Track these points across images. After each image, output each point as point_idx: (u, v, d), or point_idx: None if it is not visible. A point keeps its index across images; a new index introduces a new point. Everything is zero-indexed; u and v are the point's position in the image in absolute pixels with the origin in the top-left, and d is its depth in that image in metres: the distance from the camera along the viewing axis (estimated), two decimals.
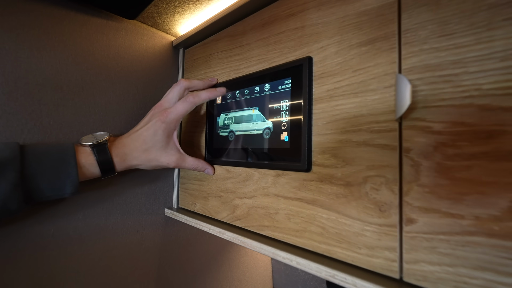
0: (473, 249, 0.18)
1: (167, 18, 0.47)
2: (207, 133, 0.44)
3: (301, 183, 0.30)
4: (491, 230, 0.18)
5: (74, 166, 0.31)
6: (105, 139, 0.35)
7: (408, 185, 0.22)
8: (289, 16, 0.34)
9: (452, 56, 0.21)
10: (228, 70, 0.42)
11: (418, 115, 0.22)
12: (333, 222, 0.27)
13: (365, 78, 0.26)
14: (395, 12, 0.24)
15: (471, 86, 0.19)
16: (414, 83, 0.22)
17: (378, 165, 0.24)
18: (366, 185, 0.24)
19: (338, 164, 0.27)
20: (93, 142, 0.34)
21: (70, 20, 0.40)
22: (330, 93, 0.28)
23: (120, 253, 0.44)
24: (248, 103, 0.37)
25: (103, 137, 0.35)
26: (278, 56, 0.35)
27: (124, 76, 0.46)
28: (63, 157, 0.31)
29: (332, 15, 0.29)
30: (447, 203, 0.20)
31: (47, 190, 0.30)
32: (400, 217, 0.22)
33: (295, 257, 0.27)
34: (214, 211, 0.41)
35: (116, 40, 0.45)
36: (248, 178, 0.36)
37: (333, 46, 0.29)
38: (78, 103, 0.40)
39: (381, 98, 0.24)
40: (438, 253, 0.20)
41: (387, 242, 0.23)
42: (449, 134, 0.20)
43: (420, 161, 0.21)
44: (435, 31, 0.22)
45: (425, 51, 0.22)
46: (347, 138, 0.26)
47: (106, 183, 0.43)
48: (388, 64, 0.24)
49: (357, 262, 0.24)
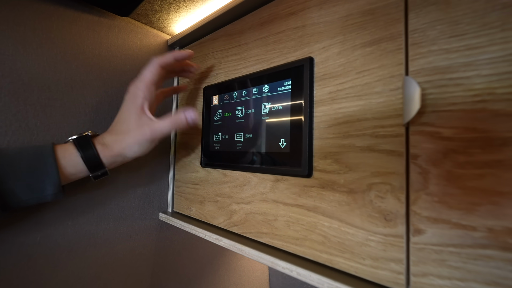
0: (486, 263, 0.17)
1: (162, 15, 0.45)
2: (203, 136, 0.42)
3: (302, 189, 0.28)
4: (505, 244, 0.17)
5: (53, 164, 0.28)
6: (87, 133, 0.33)
7: (416, 194, 0.21)
8: (289, 14, 0.32)
9: (464, 58, 0.19)
10: (225, 70, 0.41)
11: (427, 120, 0.21)
12: (335, 230, 0.25)
13: (370, 80, 0.24)
14: (402, 11, 0.23)
15: (484, 90, 0.18)
16: (422, 86, 0.21)
17: (383, 171, 0.23)
18: (370, 193, 0.23)
19: (340, 170, 0.26)
20: (75, 137, 0.32)
21: (59, 16, 0.38)
22: (332, 95, 0.27)
23: (111, 260, 0.42)
24: (246, 105, 0.36)
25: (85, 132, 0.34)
26: (277, 56, 0.33)
27: (117, 75, 0.44)
28: (40, 156, 0.28)
29: (335, 14, 0.28)
30: (458, 213, 0.19)
31: (23, 193, 0.27)
32: (407, 227, 0.21)
33: (296, 267, 0.26)
34: (210, 216, 0.40)
35: (108, 38, 0.43)
36: (246, 183, 0.35)
37: (335, 46, 0.27)
38: (67, 103, 0.38)
39: (387, 101, 0.23)
40: (448, 266, 0.19)
41: (393, 253, 0.21)
42: (460, 141, 0.19)
43: (429, 169, 0.20)
44: (445, 31, 0.20)
45: (434, 53, 0.21)
46: (351, 143, 0.25)
47: (97, 186, 0.41)
48: (394, 66, 0.23)
49: (360, 274, 0.23)
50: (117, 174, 0.43)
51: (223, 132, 0.39)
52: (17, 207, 0.28)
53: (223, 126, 0.39)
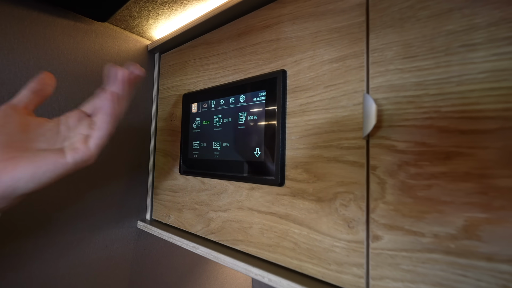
0: (432, 266, 0.19)
1: (141, 22, 0.45)
2: (182, 143, 0.42)
3: (275, 197, 0.30)
4: (448, 248, 0.19)
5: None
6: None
7: (375, 202, 0.22)
8: (264, 27, 0.34)
9: (415, 78, 0.21)
10: (204, 78, 0.41)
11: (384, 134, 0.22)
12: (304, 237, 0.26)
13: (336, 94, 0.26)
14: (364, 31, 0.25)
15: (431, 108, 0.20)
16: (380, 102, 0.23)
17: (347, 181, 0.24)
18: (336, 201, 0.25)
19: (310, 179, 0.27)
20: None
21: (33, 21, 0.37)
22: (303, 107, 0.28)
23: (86, 270, 0.41)
24: (223, 114, 0.37)
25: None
26: (253, 67, 0.34)
27: (94, 80, 0.43)
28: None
29: (306, 30, 0.29)
30: (410, 220, 0.20)
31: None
32: (367, 233, 0.23)
33: (267, 274, 0.27)
34: (189, 224, 0.40)
35: (85, 43, 0.42)
36: (223, 191, 0.36)
37: (306, 60, 0.29)
38: (40, 110, 0.37)
39: (351, 115, 0.25)
40: (401, 270, 0.20)
41: (355, 258, 0.23)
42: (412, 154, 0.21)
43: (386, 179, 0.22)
44: (399, 52, 0.22)
45: (390, 72, 0.23)
46: (319, 154, 0.26)
47: (70, 194, 0.40)
48: (357, 82, 0.25)
49: (327, 278, 0.25)
50: (94, 180, 0.42)
51: (202, 140, 0.39)
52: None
53: (202, 134, 0.39)
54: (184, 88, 0.44)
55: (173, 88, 0.47)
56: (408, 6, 0.22)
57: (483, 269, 0.17)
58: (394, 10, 0.23)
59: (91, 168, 0.42)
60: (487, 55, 0.18)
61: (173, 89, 0.47)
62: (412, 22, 0.22)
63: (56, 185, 0.33)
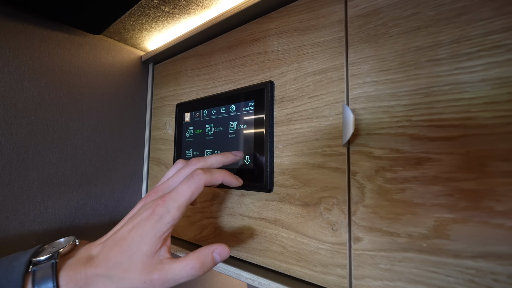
0: (407, 264, 0.20)
1: (135, 34, 0.47)
2: (175, 151, 0.43)
3: (264, 203, 0.31)
4: (420, 247, 0.20)
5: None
6: (57, 250, 0.23)
7: (355, 206, 0.24)
8: (253, 41, 0.35)
9: (389, 90, 0.23)
10: (196, 89, 0.43)
11: (363, 141, 0.24)
12: (292, 241, 0.28)
13: (319, 104, 0.28)
14: (343, 46, 0.27)
15: (403, 117, 0.22)
16: (359, 111, 0.25)
17: (330, 186, 0.26)
18: (320, 206, 0.26)
19: (296, 185, 0.28)
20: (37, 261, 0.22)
21: (28, 34, 0.38)
22: (289, 117, 0.30)
23: None
24: (215, 123, 0.38)
25: (59, 247, 0.23)
26: (243, 78, 0.36)
27: (88, 91, 0.44)
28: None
29: (291, 44, 0.31)
30: (387, 222, 0.22)
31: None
32: (349, 235, 0.24)
33: (257, 277, 0.28)
34: (182, 231, 0.41)
35: (79, 55, 0.44)
36: (215, 198, 0.37)
37: (292, 72, 0.31)
38: (35, 121, 0.38)
39: (333, 124, 0.26)
40: (380, 269, 0.22)
41: (339, 260, 0.24)
42: (388, 160, 0.22)
43: (365, 184, 0.23)
44: (375, 66, 0.24)
45: (367, 84, 0.24)
46: (304, 161, 0.28)
47: (60, 203, 0.40)
48: (338, 93, 0.26)
49: (313, 280, 0.26)
50: (88, 190, 0.43)
51: (194, 148, 0.40)
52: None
53: (194, 142, 0.40)
54: (177, 98, 0.46)
55: (166, 98, 0.48)
56: (381, 24, 0.24)
57: (451, 265, 0.19)
58: (369, 27, 0.25)
59: (85, 177, 0.43)
60: (450, 69, 0.20)
61: (167, 99, 0.48)
62: (385, 38, 0.24)
63: (50, 201, 0.33)
